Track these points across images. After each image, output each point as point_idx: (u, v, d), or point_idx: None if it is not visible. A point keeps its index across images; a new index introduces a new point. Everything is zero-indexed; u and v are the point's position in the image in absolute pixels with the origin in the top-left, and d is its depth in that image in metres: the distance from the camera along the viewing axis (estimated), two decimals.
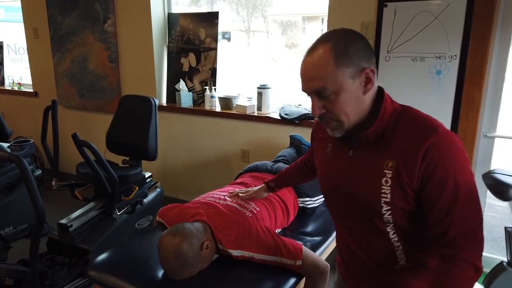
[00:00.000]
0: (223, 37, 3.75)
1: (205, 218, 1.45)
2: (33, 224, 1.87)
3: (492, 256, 2.40)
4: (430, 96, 2.25)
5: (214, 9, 3.14)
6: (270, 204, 1.60)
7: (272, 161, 2.14)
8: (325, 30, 2.52)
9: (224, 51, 3.26)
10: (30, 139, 2.91)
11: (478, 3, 2.04)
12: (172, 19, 3.19)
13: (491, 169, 2.15)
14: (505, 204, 3.03)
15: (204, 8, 3.28)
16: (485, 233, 0.87)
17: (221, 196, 1.61)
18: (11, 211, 2.80)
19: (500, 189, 1.69)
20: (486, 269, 2.30)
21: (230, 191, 1.65)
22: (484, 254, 2.45)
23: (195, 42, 3.09)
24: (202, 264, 1.35)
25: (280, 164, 1.98)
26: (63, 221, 2.27)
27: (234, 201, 1.55)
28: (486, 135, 2.23)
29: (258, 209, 1.53)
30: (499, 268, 1.79)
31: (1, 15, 5.31)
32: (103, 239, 2.28)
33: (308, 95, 0.92)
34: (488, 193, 2.06)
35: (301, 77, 0.92)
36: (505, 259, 1.83)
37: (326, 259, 1.61)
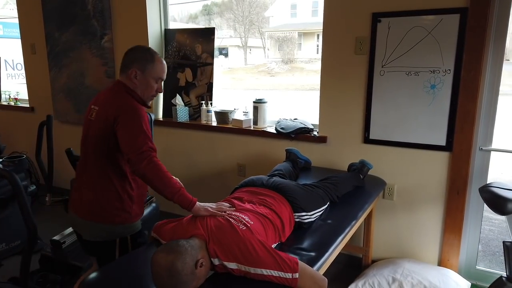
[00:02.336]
0: (221, 53, 3.77)
1: (200, 232, 1.43)
2: (25, 241, 1.83)
3: (490, 270, 2.38)
4: (425, 109, 2.26)
5: (212, 26, 3.18)
6: (263, 218, 1.58)
7: (268, 175, 2.12)
8: (320, 46, 2.54)
9: (221, 66, 3.28)
10: (23, 155, 2.89)
11: (471, 18, 2.07)
12: (168, 35, 3.22)
13: (487, 182, 2.15)
14: (502, 217, 3.02)
15: (202, 25, 3.32)
16: (482, 247, 0.88)
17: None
18: (3, 227, 2.75)
19: (497, 203, 1.69)
20: (485, 284, 2.29)
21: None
22: (482, 268, 2.44)
23: (191, 57, 3.11)
24: (197, 282, 1.32)
25: (276, 178, 1.96)
26: (56, 237, 2.24)
27: (226, 215, 1.54)
28: (481, 149, 2.24)
29: (252, 223, 1.51)
30: (499, 283, 1.77)
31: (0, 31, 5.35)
32: None
33: (159, 82, 1.70)
34: (485, 206, 2.05)
35: (165, 71, 1.71)
36: (504, 274, 1.81)
37: (324, 274, 1.59)
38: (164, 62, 1.72)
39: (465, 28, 2.09)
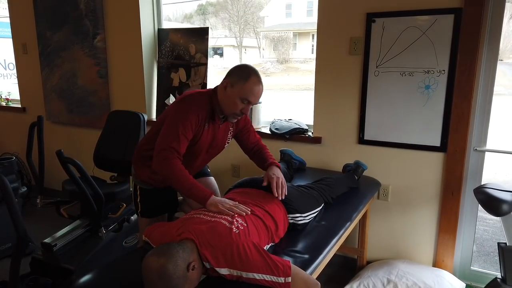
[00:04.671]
0: (216, 53, 3.74)
1: (191, 236, 1.41)
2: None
3: (485, 271, 2.37)
4: (419, 110, 2.25)
5: (207, 25, 3.15)
6: (257, 220, 1.56)
7: (262, 177, 2.10)
8: (315, 46, 2.53)
9: (216, 66, 3.26)
10: (13, 157, 2.85)
11: (465, 18, 2.06)
12: (162, 35, 3.19)
13: (482, 183, 2.15)
14: (496, 217, 3.02)
15: (196, 24, 3.29)
16: (477, 247, 0.87)
17: (208, 212, 1.57)
18: None
19: (492, 205, 1.68)
20: (480, 285, 2.28)
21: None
22: (477, 269, 2.43)
23: (185, 57, 3.08)
24: (189, 285, 1.30)
25: None
26: (47, 240, 2.21)
27: (221, 217, 1.52)
28: (476, 149, 2.23)
29: (246, 225, 1.49)
30: (494, 285, 1.76)
31: None
32: (88, 259, 2.21)
33: (246, 104, 1.67)
34: (480, 206, 2.05)
35: (255, 96, 1.66)
36: (499, 275, 1.80)
37: (318, 275, 1.57)
38: (260, 87, 1.67)
39: (460, 28, 2.08)
